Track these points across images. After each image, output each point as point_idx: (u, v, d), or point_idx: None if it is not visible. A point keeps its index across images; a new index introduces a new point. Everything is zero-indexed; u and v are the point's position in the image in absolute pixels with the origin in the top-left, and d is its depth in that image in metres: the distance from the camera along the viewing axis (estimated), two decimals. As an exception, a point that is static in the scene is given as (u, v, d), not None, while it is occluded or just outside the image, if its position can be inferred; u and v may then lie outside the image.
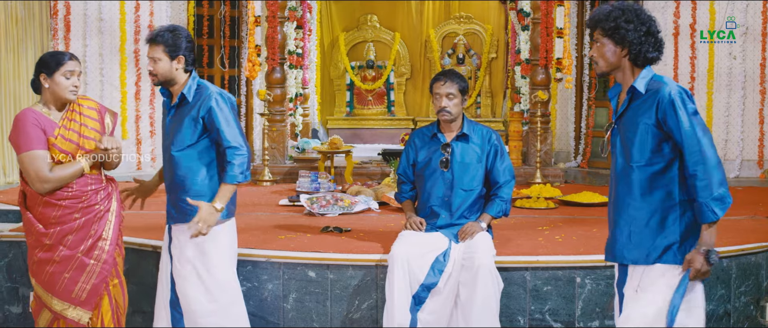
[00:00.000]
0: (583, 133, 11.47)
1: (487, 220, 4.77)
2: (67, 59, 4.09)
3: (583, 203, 7.43)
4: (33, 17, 9.72)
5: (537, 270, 4.97)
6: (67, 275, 4.11)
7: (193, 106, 4.24)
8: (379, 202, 7.26)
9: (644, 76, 3.50)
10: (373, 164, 9.93)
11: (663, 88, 3.41)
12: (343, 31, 13.92)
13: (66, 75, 4.08)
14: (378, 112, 13.88)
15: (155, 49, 4.20)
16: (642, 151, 3.45)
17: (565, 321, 4.93)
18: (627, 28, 3.44)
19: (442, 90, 4.70)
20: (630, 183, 3.49)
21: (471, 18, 13.63)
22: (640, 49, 3.46)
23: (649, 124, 3.42)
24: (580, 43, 11.43)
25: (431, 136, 4.85)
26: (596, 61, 3.58)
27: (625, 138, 3.52)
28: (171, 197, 4.35)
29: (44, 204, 4.06)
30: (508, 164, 4.85)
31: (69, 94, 4.11)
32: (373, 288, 4.99)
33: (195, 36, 11.12)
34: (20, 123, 4.03)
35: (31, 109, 4.10)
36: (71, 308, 4.14)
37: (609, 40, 3.49)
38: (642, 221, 3.47)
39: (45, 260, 4.09)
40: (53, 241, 4.08)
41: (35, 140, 3.98)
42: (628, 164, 3.49)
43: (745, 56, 10.14)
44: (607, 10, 3.50)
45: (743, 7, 10.03)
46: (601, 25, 3.50)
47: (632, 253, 3.50)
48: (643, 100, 3.46)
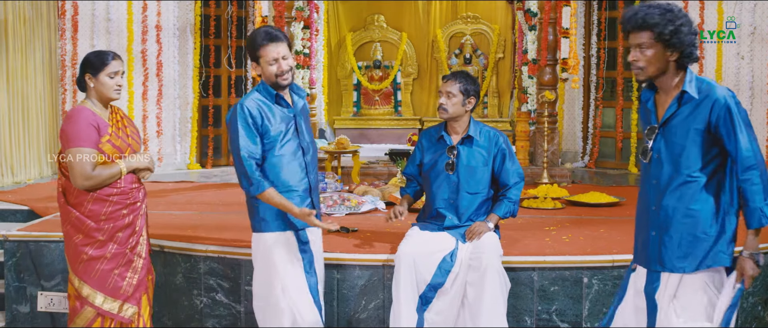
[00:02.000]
0: (591, 134, 11.47)
1: (494, 220, 4.77)
2: (110, 59, 4.16)
3: (591, 204, 7.41)
4: (41, 17, 9.75)
5: (544, 270, 4.96)
6: (117, 272, 4.17)
7: None
8: (386, 202, 7.25)
9: (690, 79, 3.40)
10: (380, 164, 9.93)
11: (714, 91, 3.34)
12: (350, 31, 13.92)
13: (110, 75, 4.14)
14: (385, 112, 13.88)
15: None
16: (694, 158, 3.37)
17: (572, 321, 4.93)
18: (685, 31, 3.33)
19: (443, 88, 4.74)
20: (680, 191, 3.41)
21: (478, 18, 13.62)
22: (691, 50, 3.38)
23: (700, 130, 3.35)
24: (587, 43, 11.42)
25: (438, 138, 4.84)
26: (641, 67, 3.42)
27: (672, 144, 3.43)
28: (314, 199, 4.33)
29: (94, 201, 4.10)
30: (517, 166, 4.84)
31: (114, 94, 4.18)
32: (380, 288, 4.99)
33: (202, 36, 11.15)
34: (77, 118, 4.08)
35: (86, 107, 4.14)
36: (120, 304, 4.17)
37: (661, 44, 3.36)
38: (695, 229, 3.40)
39: (96, 258, 4.13)
40: (105, 237, 4.13)
41: (87, 138, 4.04)
42: (678, 171, 3.41)
43: (753, 56, 10.12)
44: (659, 12, 3.35)
45: (751, 8, 10.01)
46: (655, 30, 3.34)
47: (683, 262, 3.42)
48: (694, 105, 3.37)
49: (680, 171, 3.40)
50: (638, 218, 3.65)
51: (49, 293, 5.41)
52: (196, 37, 11.15)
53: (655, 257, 3.49)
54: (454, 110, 4.71)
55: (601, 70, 11.31)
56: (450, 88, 4.71)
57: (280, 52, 4.15)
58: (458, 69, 13.14)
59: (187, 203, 7.58)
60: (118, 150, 4.14)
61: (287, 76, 4.18)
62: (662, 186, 3.46)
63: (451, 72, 4.88)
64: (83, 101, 4.19)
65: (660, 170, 3.47)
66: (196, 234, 5.65)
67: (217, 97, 11.56)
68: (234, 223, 6.12)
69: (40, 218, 6.61)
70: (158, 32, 10.64)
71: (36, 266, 5.48)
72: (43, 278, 5.45)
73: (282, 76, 4.17)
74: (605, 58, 11.26)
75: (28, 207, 7.13)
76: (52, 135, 10.03)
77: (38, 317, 5.45)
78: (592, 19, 11.38)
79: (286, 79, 4.18)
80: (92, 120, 4.08)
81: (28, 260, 5.49)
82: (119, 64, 4.19)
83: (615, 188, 8.89)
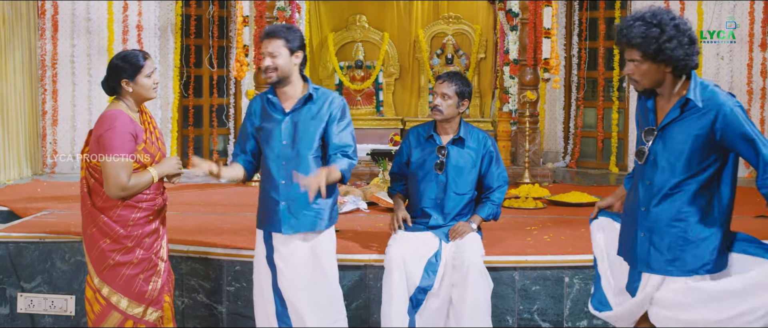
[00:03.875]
0: (572, 134, 11.52)
1: (477, 221, 4.78)
2: (143, 60, 4.05)
3: (572, 203, 7.45)
4: (20, 17, 9.68)
5: (525, 270, 4.98)
6: (142, 277, 4.11)
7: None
8: (368, 202, 7.25)
9: (694, 85, 3.36)
10: (361, 164, 9.92)
11: (718, 97, 3.30)
12: (331, 31, 13.90)
13: (147, 75, 4.05)
14: (367, 112, 13.86)
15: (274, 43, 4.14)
16: (691, 164, 3.36)
17: (554, 321, 4.95)
18: (671, 47, 3.27)
19: (439, 89, 4.70)
20: (673, 195, 3.41)
21: (460, 18, 13.63)
22: (687, 62, 3.33)
23: (701, 136, 3.32)
24: (569, 43, 11.47)
25: (427, 137, 4.84)
26: (637, 80, 3.41)
27: (670, 148, 3.40)
28: (291, 205, 4.22)
29: (123, 206, 4.03)
30: (502, 170, 4.86)
31: (152, 93, 4.10)
32: (362, 288, 4.99)
33: (182, 36, 11.10)
34: (116, 125, 3.95)
35: (123, 112, 4.01)
36: (144, 308, 4.13)
37: (650, 61, 3.33)
38: (685, 233, 3.40)
39: (123, 263, 4.06)
40: (134, 243, 4.06)
41: (126, 147, 3.93)
42: (673, 175, 3.39)
43: (733, 57, 10.20)
44: (641, 30, 3.29)
45: (730, 8, 10.09)
46: (640, 49, 3.32)
47: (671, 266, 3.42)
48: (697, 112, 3.33)
49: (675, 175, 3.39)
50: (626, 215, 3.64)
51: (28, 295, 5.37)
52: (177, 37, 11.10)
53: (644, 258, 3.49)
54: (448, 112, 4.71)
55: (582, 70, 11.37)
56: (446, 90, 4.68)
57: (266, 48, 4.14)
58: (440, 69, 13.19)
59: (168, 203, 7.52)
60: (151, 157, 4.08)
61: (270, 74, 4.16)
62: (655, 189, 3.45)
63: (446, 73, 4.84)
64: (116, 104, 4.07)
65: (655, 173, 3.45)
66: (176, 236, 5.61)
67: (197, 98, 11.52)
68: (215, 223, 6.11)
69: (20, 218, 6.55)
70: (139, 32, 10.59)
71: (15, 268, 5.44)
72: (22, 280, 5.41)
73: (265, 73, 4.17)
74: (586, 59, 11.32)
75: (8, 208, 7.07)
76: (32, 136, 9.96)
77: (18, 318, 5.41)
78: (573, 19, 11.43)
79: (269, 76, 4.16)
80: (130, 128, 3.97)
81: (8, 262, 5.44)
82: (152, 62, 4.11)
83: (596, 187, 8.94)
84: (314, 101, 4.19)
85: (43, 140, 10.38)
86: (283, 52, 4.11)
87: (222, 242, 5.28)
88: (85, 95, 10.35)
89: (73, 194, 7.43)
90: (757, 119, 10.14)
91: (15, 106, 9.54)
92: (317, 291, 4.21)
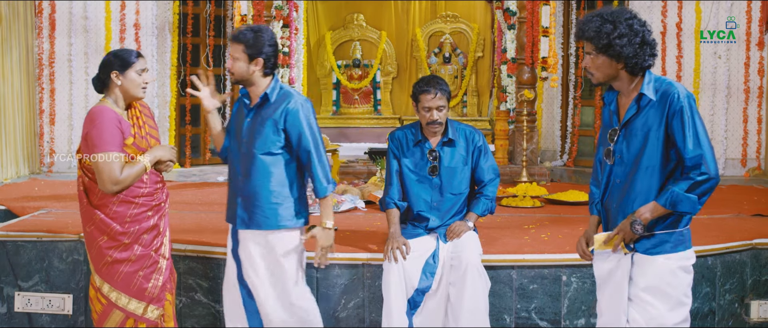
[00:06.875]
0: (569, 132, 11.52)
1: (473, 219, 4.77)
2: (135, 57, 4.07)
3: (569, 202, 7.45)
4: (17, 16, 9.67)
5: (523, 269, 4.98)
6: (141, 274, 4.10)
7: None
8: (366, 201, 7.25)
9: (648, 81, 3.46)
10: (359, 162, 9.93)
11: (671, 88, 3.39)
12: (329, 30, 13.91)
13: (138, 72, 4.06)
14: (364, 111, 13.88)
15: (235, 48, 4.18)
16: (655, 158, 3.42)
17: (551, 319, 4.95)
18: (621, 43, 3.37)
19: (432, 103, 4.60)
20: (641, 190, 3.47)
21: (457, 17, 13.65)
22: (637, 61, 3.42)
23: (659, 129, 3.40)
24: (566, 42, 11.47)
25: (415, 142, 4.80)
26: (591, 73, 3.53)
27: (633, 145, 3.48)
28: (244, 202, 4.23)
29: (119, 202, 4.02)
30: (492, 162, 4.84)
31: (140, 92, 4.09)
32: (359, 287, 4.99)
33: (180, 35, 11.10)
34: (101, 121, 3.95)
35: (109, 108, 4.02)
36: (145, 305, 4.12)
37: (603, 55, 3.45)
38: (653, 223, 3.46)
39: (121, 260, 4.06)
40: (131, 240, 4.06)
41: (114, 141, 3.93)
42: (639, 170, 3.46)
43: (730, 56, 10.22)
44: (596, 25, 3.41)
45: (727, 7, 10.10)
46: (592, 42, 3.44)
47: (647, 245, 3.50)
48: (653, 106, 3.42)
49: (641, 171, 3.47)
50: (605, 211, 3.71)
51: (26, 294, 5.37)
52: (174, 36, 11.10)
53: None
54: (445, 120, 4.70)
55: (579, 69, 11.36)
56: (441, 103, 4.60)
57: (229, 50, 4.22)
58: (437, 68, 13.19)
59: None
60: (141, 151, 4.07)
61: (230, 75, 4.24)
62: (623, 186, 3.53)
63: (429, 83, 4.64)
64: (102, 101, 4.07)
65: (622, 171, 3.54)
66: (174, 235, 5.60)
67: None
68: (213, 222, 6.10)
69: (18, 217, 6.55)
70: (136, 31, 10.59)
71: (13, 266, 5.43)
72: (20, 279, 5.41)
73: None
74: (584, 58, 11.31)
75: (5, 207, 7.06)
76: (29, 134, 9.95)
77: (15, 317, 5.41)
78: (571, 18, 11.44)
79: (231, 76, 4.24)
80: (116, 122, 3.97)
81: (5, 260, 5.44)
82: (145, 62, 4.12)
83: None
84: (270, 103, 4.21)
85: (41, 139, 10.37)
86: (241, 57, 4.15)
87: (220, 241, 5.27)
88: (83, 94, 10.35)
89: (71, 193, 7.42)
90: (755, 118, 10.17)
91: (12, 105, 9.53)
92: (278, 288, 4.22)
